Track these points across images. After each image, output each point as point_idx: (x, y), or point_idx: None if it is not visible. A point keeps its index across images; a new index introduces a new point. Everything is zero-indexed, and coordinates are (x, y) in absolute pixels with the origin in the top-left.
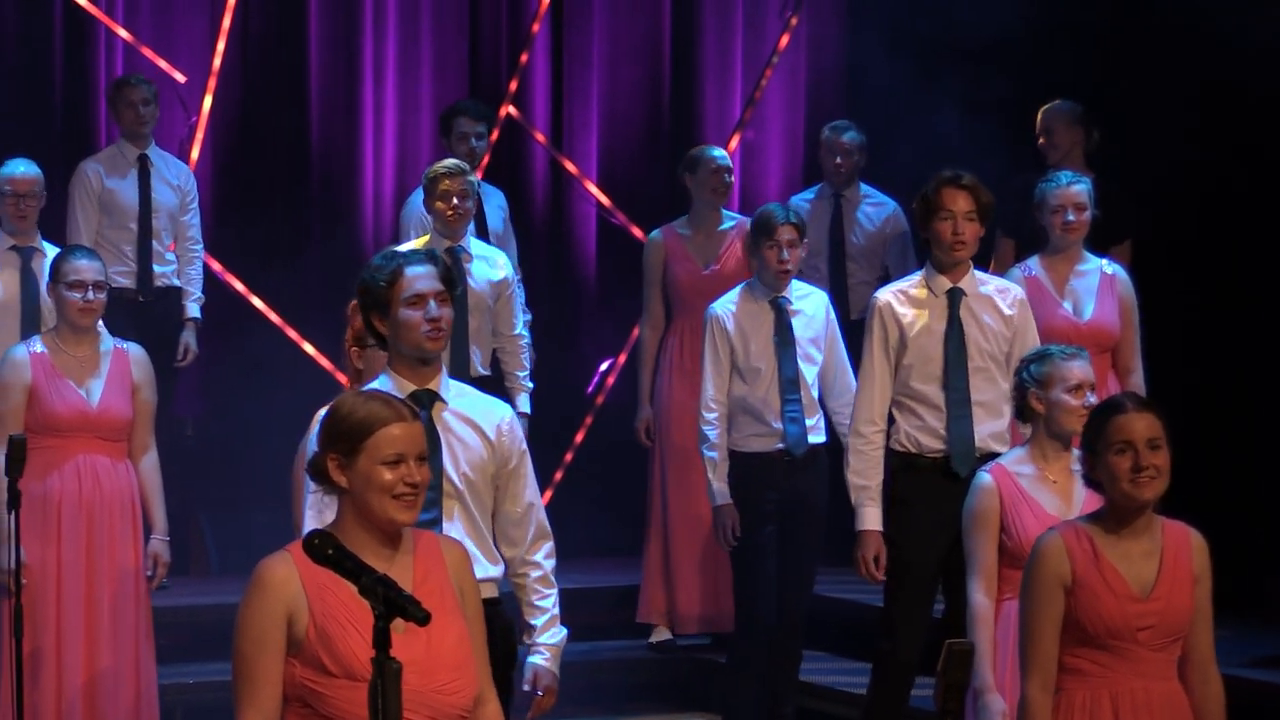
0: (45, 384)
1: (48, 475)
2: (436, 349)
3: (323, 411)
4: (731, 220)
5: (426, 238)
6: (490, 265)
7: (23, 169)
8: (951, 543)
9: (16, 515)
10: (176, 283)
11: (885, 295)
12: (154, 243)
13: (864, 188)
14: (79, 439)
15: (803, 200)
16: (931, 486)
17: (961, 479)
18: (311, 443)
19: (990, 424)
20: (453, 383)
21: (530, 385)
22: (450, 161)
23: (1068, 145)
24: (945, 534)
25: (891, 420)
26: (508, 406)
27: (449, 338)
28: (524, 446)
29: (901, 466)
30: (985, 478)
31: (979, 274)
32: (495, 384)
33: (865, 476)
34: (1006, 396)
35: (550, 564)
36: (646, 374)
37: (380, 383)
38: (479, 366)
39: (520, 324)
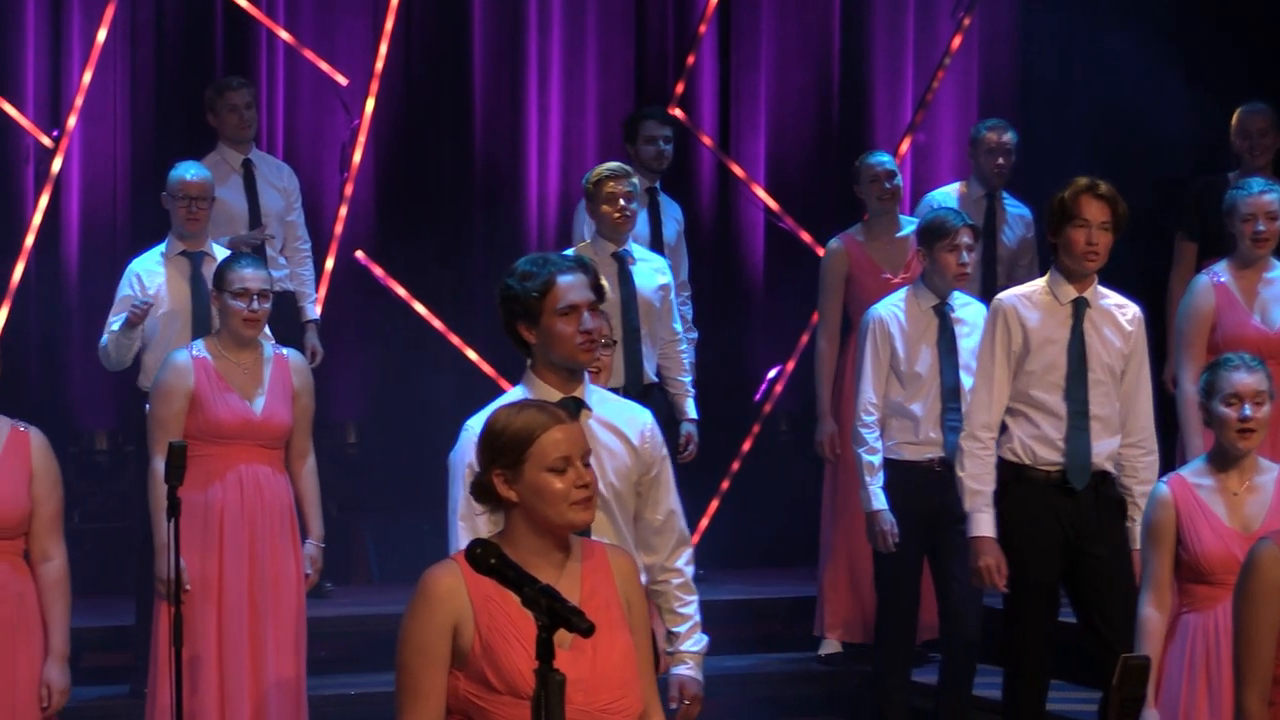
0: (209, 390)
1: (209, 485)
2: (590, 361)
3: (470, 422)
4: (910, 224)
5: (586, 244)
6: (652, 270)
7: (194, 172)
8: (1068, 555)
9: (176, 523)
10: (290, 286)
11: (1008, 299)
12: (266, 248)
13: (1003, 193)
14: (241, 447)
15: (944, 199)
16: (1044, 499)
17: (1076, 493)
18: (458, 456)
19: (1107, 440)
20: (594, 389)
21: (693, 390)
22: (614, 164)
23: (1271, 147)
24: (1060, 547)
25: (1002, 428)
26: (649, 413)
27: (601, 346)
28: (665, 452)
29: (1013, 478)
30: (1162, 489)
31: (1101, 287)
32: (662, 390)
33: (981, 481)
34: (1119, 414)
35: (690, 570)
36: (826, 386)
37: (521, 391)
38: (650, 374)
39: (680, 328)
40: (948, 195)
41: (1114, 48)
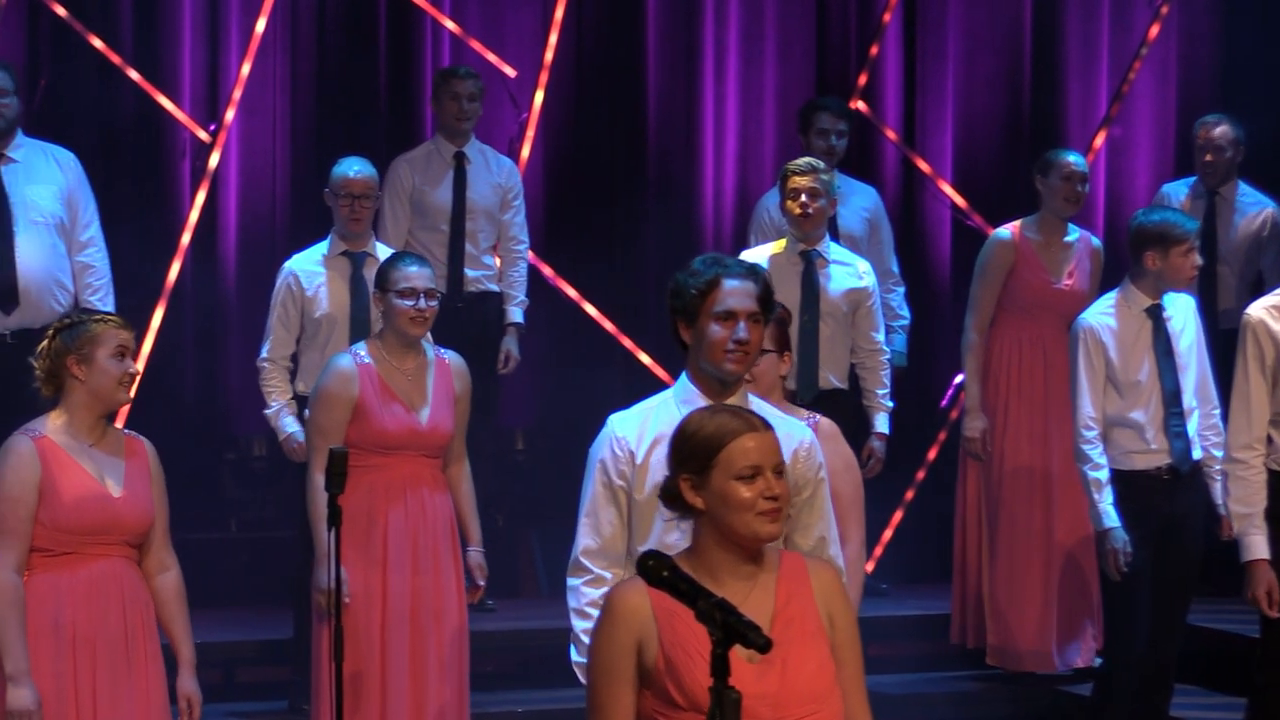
0: (373, 399)
1: (373, 495)
2: (738, 373)
3: (614, 416)
4: (1075, 233)
5: (784, 241)
6: (849, 272)
7: (357, 168)
8: None
9: (337, 533)
10: (493, 287)
11: (1258, 311)
12: (467, 245)
13: (1241, 186)
14: (405, 457)
15: (1176, 192)
16: None
17: None
18: (593, 450)
19: None
20: (753, 399)
21: (890, 405)
22: (805, 159)
23: None
24: None
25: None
26: (808, 430)
27: (752, 363)
28: (822, 474)
29: None
30: None
31: None
32: (850, 400)
33: (1248, 503)
34: None
35: None
36: (975, 379)
37: (671, 396)
38: (833, 380)
39: (881, 337)
40: (1178, 189)
41: None
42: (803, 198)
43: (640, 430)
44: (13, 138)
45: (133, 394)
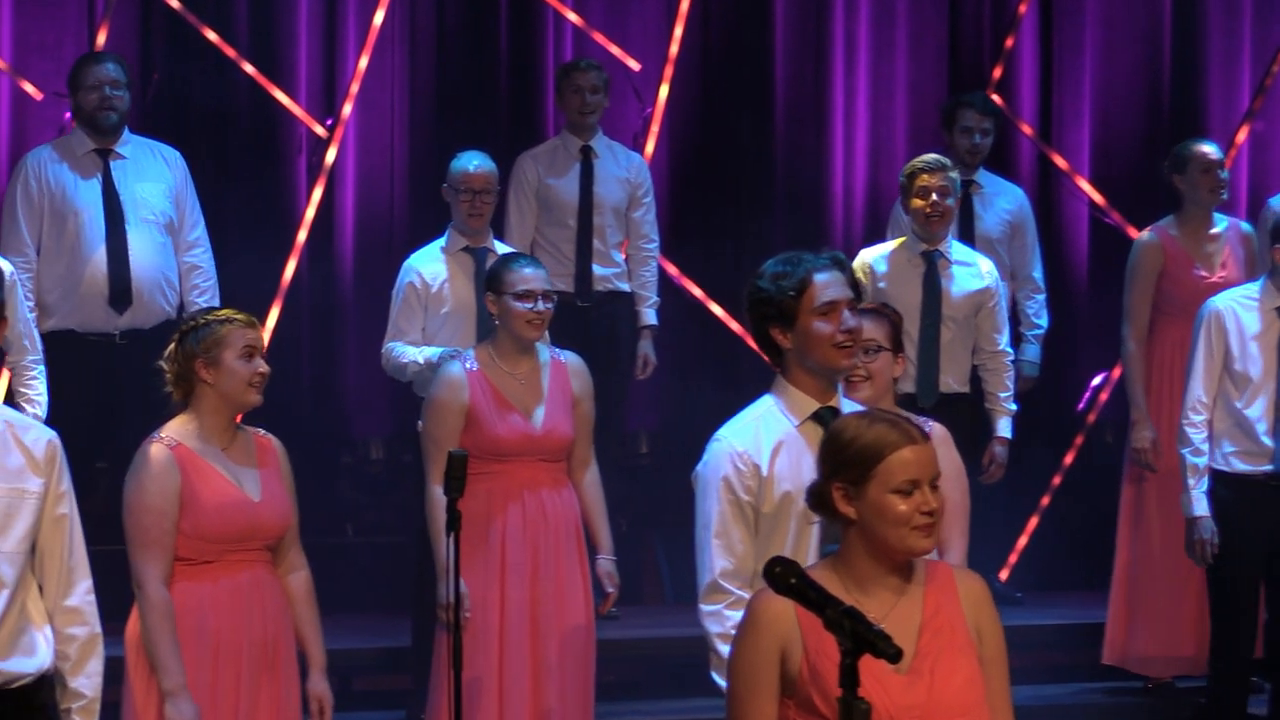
0: (485, 405)
1: (491, 503)
2: (849, 365)
3: (721, 432)
4: (1223, 222)
5: (902, 240)
6: (971, 273)
7: (477, 163)
8: None
9: (456, 538)
10: (622, 286)
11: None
12: (595, 242)
13: None
14: (522, 463)
15: None
16: None
17: None
18: (709, 470)
19: None
20: (846, 402)
21: (1013, 408)
22: (931, 155)
23: None
24: None
25: None
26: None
27: (860, 351)
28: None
29: None
30: None
31: None
32: (971, 404)
33: None
34: None
35: None
36: (1139, 388)
37: (771, 401)
38: (952, 383)
39: (1005, 340)
40: None
41: None
42: (933, 197)
43: (756, 442)
44: (121, 134)
45: (261, 397)
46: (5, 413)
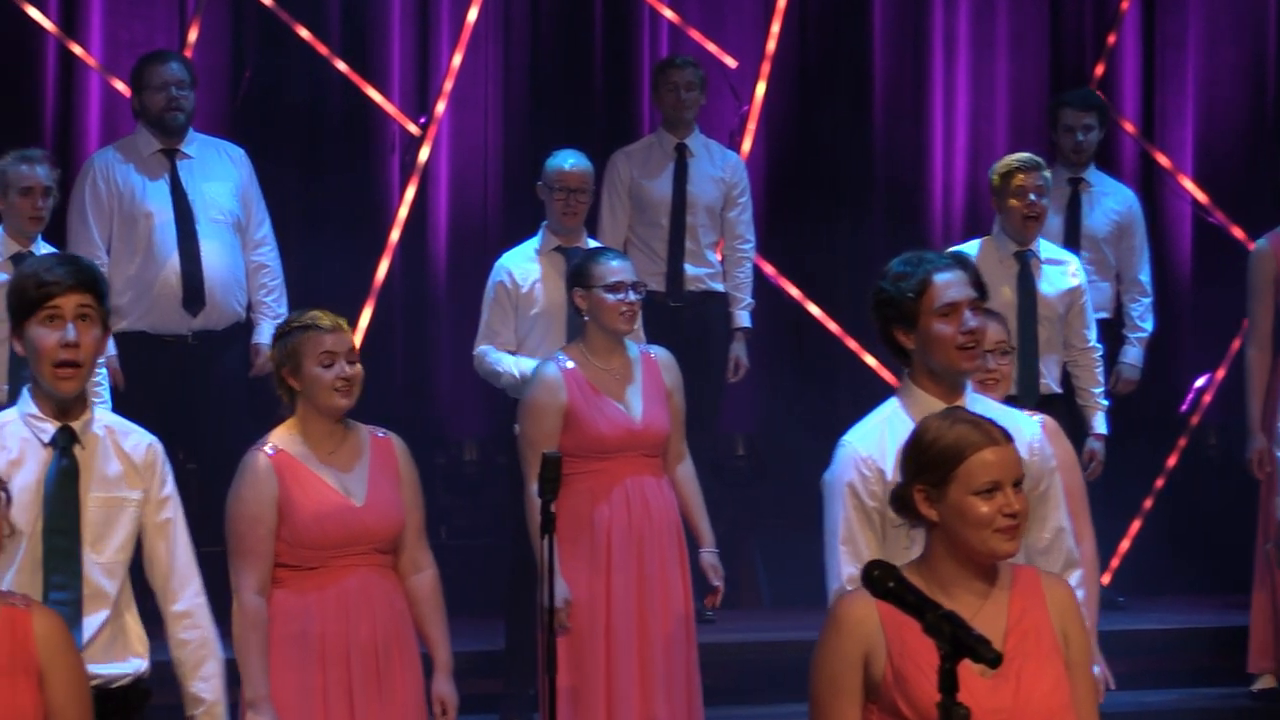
0: (584, 404)
1: (595, 502)
2: (973, 366)
3: (847, 437)
4: None
5: (988, 239)
6: (1062, 271)
7: (573, 161)
8: None
9: (551, 540)
10: (716, 286)
11: None
12: (687, 241)
13: None
14: (624, 459)
15: None
16: None
17: None
18: (836, 474)
19: None
20: (978, 399)
21: (1106, 403)
22: (1024, 154)
23: None
24: None
25: None
26: (1036, 424)
27: (984, 351)
28: (1053, 465)
29: None
30: None
31: None
32: (1066, 403)
33: None
34: None
35: (1080, 594)
36: (1256, 399)
37: (897, 404)
38: (1050, 384)
39: (1093, 335)
40: None
41: None
42: (1030, 197)
43: (881, 446)
44: (187, 134)
45: (351, 402)
46: (107, 418)
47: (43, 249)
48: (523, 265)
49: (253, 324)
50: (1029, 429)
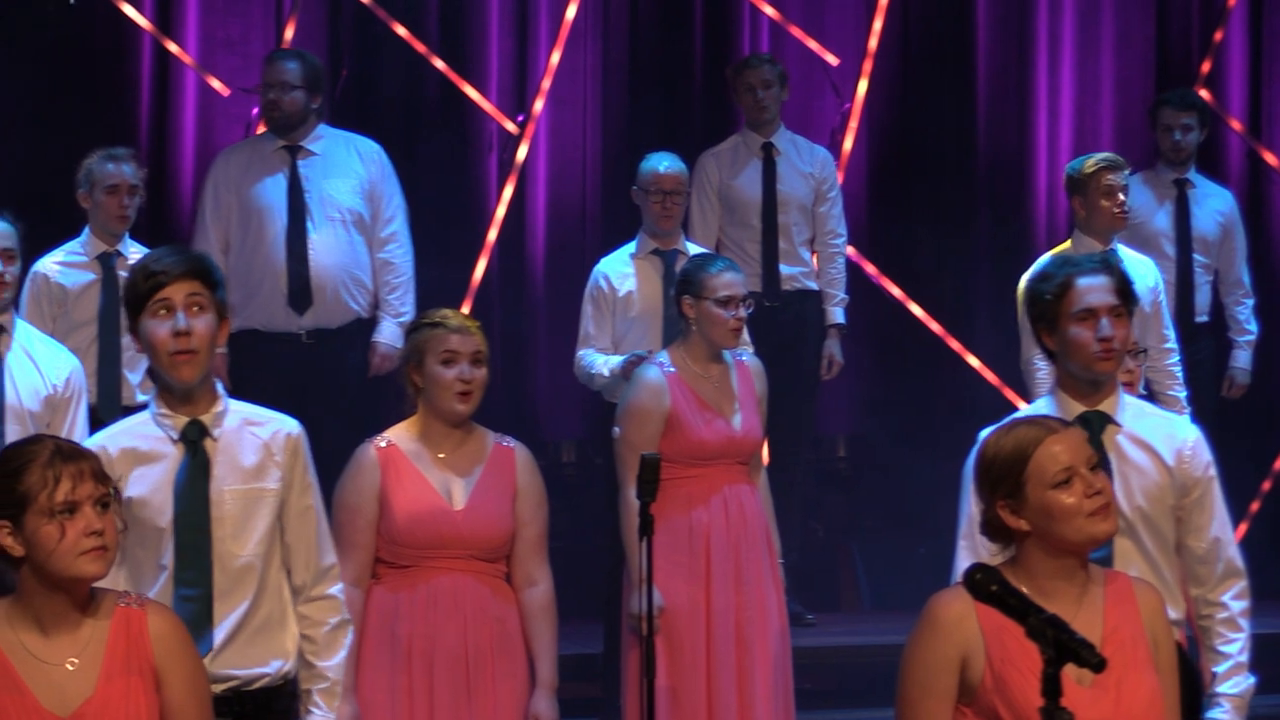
0: (687, 409)
1: (693, 507)
2: (1110, 371)
3: (986, 431)
4: None
5: (1068, 243)
6: (1140, 271)
7: (667, 164)
8: None
9: (648, 544)
10: (811, 285)
11: None
12: (780, 241)
13: None
14: (721, 466)
15: None
16: None
17: None
18: (968, 468)
19: None
20: (1131, 401)
21: (1187, 405)
22: (1108, 154)
23: None
24: None
25: None
26: (1194, 429)
27: (1124, 356)
28: (1211, 473)
29: None
30: None
31: None
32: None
33: None
34: None
35: (1239, 605)
36: None
37: (1043, 404)
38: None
39: (1173, 337)
40: None
41: None
42: (1119, 196)
43: None
44: (310, 130)
45: (470, 407)
46: (243, 409)
47: (130, 248)
48: (619, 269)
49: (376, 321)
50: (1183, 433)
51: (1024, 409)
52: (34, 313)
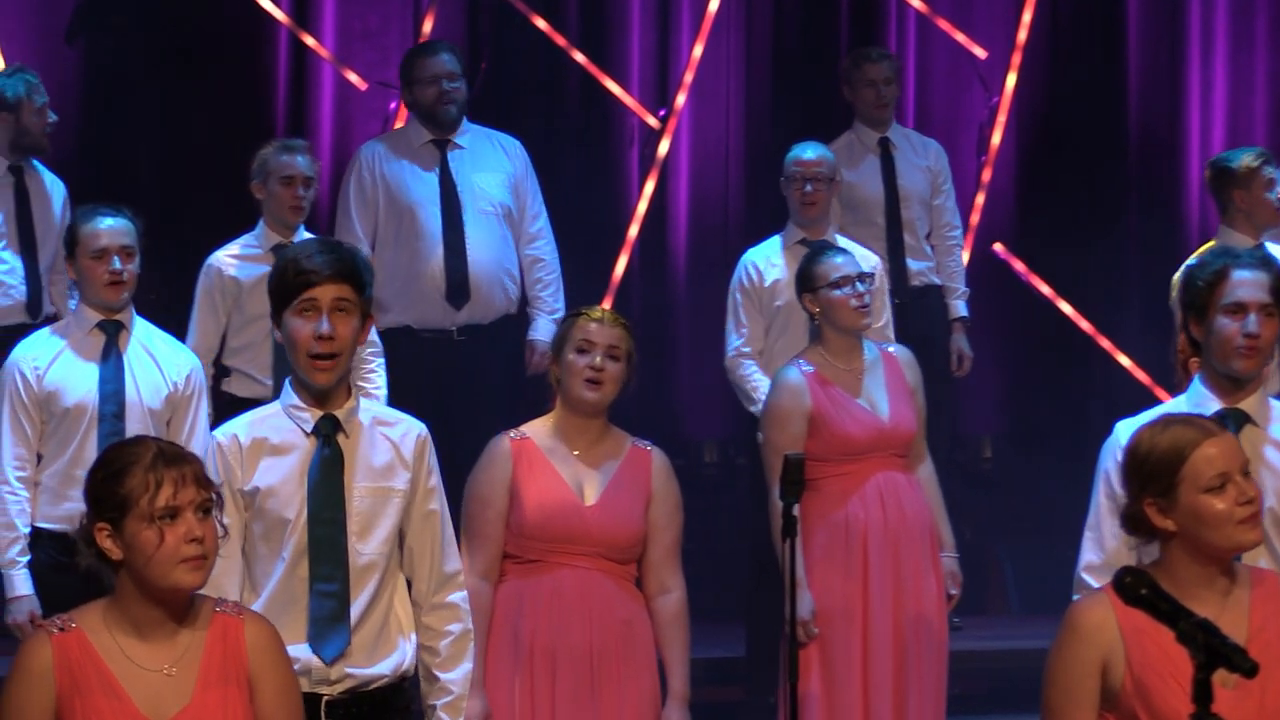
0: (829, 406)
1: (847, 500)
2: (1249, 370)
3: (1120, 424)
4: None
5: (1214, 242)
6: None
7: (812, 151)
8: None
9: (792, 544)
10: (935, 280)
11: None
12: (905, 236)
13: None
14: (874, 459)
15: None
16: None
17: None
18: (1100, 460)
19: None
20: (1273, 404)
21: None
22: (1260, 148)
23: None
24: None
25: None
26: None
27: (1267, 357)
28: None
29: None
30: None
31: None
32: None
33: None
34: None
35: None
36: None
37: (1183, 400)
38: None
39: None
40: None
41: None
42: (1278, 189)
43: None
44: (460, 124)
45: (599, 396)
46: (373, 409)
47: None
48: (766, 259)
49: (528, 319)
50: None
51: (1165, 404)
52: (206, 306)
